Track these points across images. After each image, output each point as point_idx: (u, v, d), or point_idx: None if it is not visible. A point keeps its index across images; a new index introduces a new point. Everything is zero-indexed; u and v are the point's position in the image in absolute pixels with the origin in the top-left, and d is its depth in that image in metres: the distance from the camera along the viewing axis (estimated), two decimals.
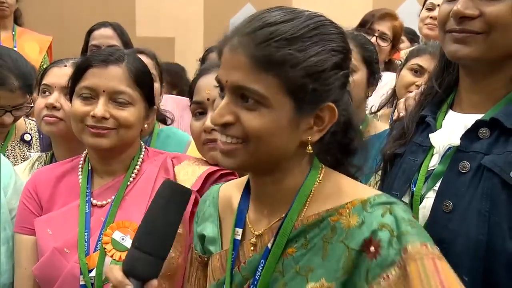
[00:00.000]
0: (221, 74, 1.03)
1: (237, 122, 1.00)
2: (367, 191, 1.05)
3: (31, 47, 3.65)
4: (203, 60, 3.26)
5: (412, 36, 3.87)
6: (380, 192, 1.05)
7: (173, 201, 1.04)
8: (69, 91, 1.57)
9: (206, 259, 1.21)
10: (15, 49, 3.61)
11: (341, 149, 1.11)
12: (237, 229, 1.12)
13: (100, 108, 1.46)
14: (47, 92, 1.83)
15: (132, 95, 1.50)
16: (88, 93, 1.49)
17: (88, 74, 1.49)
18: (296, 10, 1.02)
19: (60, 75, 1.81)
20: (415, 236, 0.95)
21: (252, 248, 1.09)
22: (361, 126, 1.18)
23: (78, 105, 1.49)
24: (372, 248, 0.95)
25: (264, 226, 1.09)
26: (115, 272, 1.01)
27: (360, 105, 2.09)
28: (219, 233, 1.18)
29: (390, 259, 0.94)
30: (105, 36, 3.00)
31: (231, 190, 1.20)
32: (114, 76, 1.49)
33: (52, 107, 1.79)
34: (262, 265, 1.05)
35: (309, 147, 1.03)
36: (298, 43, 0.97)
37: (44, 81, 1.85)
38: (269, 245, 1.05)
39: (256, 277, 1.05)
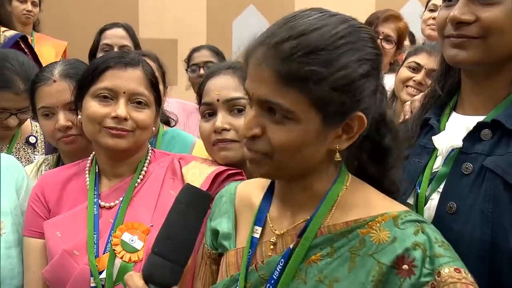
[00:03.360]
0: (248, 86, 1.01)
1: (263, 135, 0.99)
2: (395, 205, 1.05)
3: (48, 51, 3.70)
4: (188, 60, 3.29)
5: (412, 38, 3.86)
6: (407, 208, 1.05)
7: (192, 206, 1.02)
8: (77, 94, 1.56)
9: (214, 254, 1.22)
10: None
11: (374, 149, 1.10)
12: (256, 227, 1.11)
13: (122, 109, 1.46)
14: (50, 114, 1.75)
15: (149, 97, 1.52)
16: (107, 94, 1.48)
17: (107, 75, 1.49)
18: (326, 14, 0.99)
19: (55, 93, 1.72)
20: (448, 259, 0.95)
21: (271, 247, 1.08)
22: None
23: (96, 107, 1.48)
24: (405, 266, 0.95)
25: (287, 226, 1.08)
26: (135, 279, 1.00)
27: None
28: (233, 229, 1.18)
29: (423, 279, 0.94)
30: (118, 36, 3.02)
31: (251, 188, 1.20)
32: (133, 78, 1.50)
33: (66, 128, 1.73)
34: (281, 264, 1.04)
35: (337, 155, 1.02)
36: (323, 56, 0.93)
37: (41, 104, 1.75)
38: (292, 246, 1.04)
39: (274, 276, 1.04)
